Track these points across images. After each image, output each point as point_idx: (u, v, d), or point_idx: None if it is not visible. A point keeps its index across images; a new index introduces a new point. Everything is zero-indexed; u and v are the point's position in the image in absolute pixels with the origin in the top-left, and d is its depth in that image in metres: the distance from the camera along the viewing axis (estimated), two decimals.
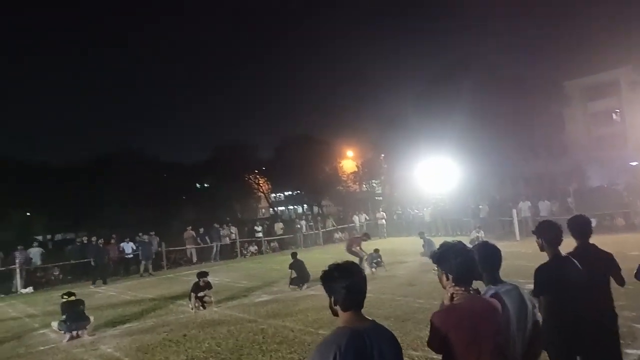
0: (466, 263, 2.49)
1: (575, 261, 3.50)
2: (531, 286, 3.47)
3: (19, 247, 18.15)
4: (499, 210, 22.23)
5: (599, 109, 42.82)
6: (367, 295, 2.38)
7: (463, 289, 2.46)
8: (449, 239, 2.72)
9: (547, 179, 33.25)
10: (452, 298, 2.48)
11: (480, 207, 22.89)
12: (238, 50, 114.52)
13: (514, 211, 19.98)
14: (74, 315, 8.89)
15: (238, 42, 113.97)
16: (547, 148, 34.24)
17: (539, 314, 3.02)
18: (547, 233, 3.59)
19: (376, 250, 14.31)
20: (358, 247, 14.18)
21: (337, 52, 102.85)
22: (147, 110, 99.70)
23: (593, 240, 3.96)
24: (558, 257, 3.54)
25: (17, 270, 17.34)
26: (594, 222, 19.37)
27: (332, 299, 2.28)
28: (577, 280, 3.39)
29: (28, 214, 36.40)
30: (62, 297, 9.35)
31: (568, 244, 3.82)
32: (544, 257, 3.67)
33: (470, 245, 2.78)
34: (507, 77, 30.58)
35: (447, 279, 2.52)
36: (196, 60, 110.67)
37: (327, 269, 2.34)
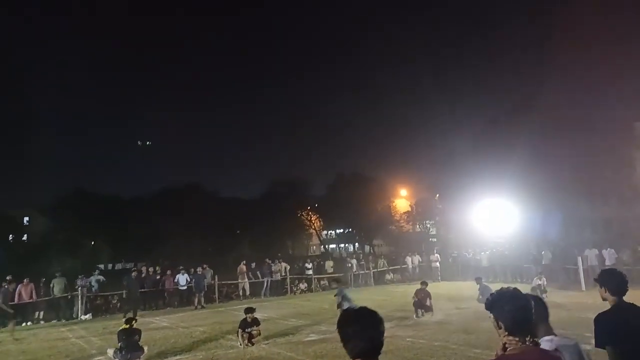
0: (521, 311, 2.33)
1: None
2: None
3: (80, 275, 19.09)
4: (563, 258, 20.98)
5: None
6: (419, 342, 2.27)
7: (517, 339, 2.29)
8: (508, 286, 2.57)
9: (616, 225, 31.18)
10: (504, 348, 2.32)
11: (543, 253, 21.70)
12: (295, 89, 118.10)
13: (579, 259, 18.79)
14: (130, 345, 9.15)
15: (295, 81, 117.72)
16: (615, 192, 32.28)
17: None
18: (609, 281, 3.40)
19: (423, 283, 14.00)
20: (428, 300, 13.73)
21: (393, 90, 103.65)
22: (208, 146, 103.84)
23: None
24: (620, 306, 3.33)
25: (78, 297, 18.13)
26: None
27: (343, 345, 2.15)
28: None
29: (93, 243, 38.34)
30: (123, 322, 9.81)
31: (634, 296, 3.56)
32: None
33: (531, 293, 2.63)
34: (572, 117, 29.47)
35: (500, 327, 2.36)
36: (254, 98, 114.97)
37: (341, 314, 2.24)
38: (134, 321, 9.88)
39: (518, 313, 2.32)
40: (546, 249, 21.99)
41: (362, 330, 2.10)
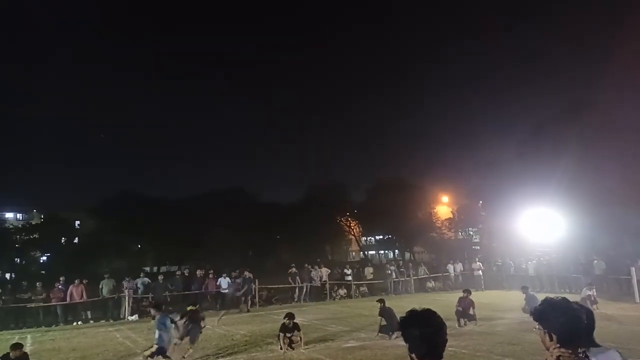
0: (572, 322, 2.26)
1: None
2: None
3: (127, 278, 19.81)
4: (615, 268, 20.02)
5: None
6: (462, 352, 2.24)
7: (570, 351, 2.22)
8: (554, 297, 2.50)
9: None
10: None
11: (595, 262, 20.77)
12: (336, 94, 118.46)
13: (633, 269, 17.88)
14: (194, 320, 10.58)
15: (337, 85, 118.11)
16: None
17: None
18: None
19: (466, 291, 13.72)
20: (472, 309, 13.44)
21: (436, 93, 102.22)
22: (251, 149, 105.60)
23: None
24: None
25: (125, 299, 18.79)
26: None
27: (408, 347, 2.16)
28: None
29: (139, 245, 39.53)
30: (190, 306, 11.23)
31: None
32: None
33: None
34: (623, 122, 28.15)
35: (551, 339, 2.29)
36: (295, 102, 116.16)
37: (404, 314, 2.24)
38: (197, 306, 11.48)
39: (570, 324, 2.26)
40: (599, 259, 21.06)
41: (427, 333, 2.11)
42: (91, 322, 18.02)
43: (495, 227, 33.90)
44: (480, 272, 25.58)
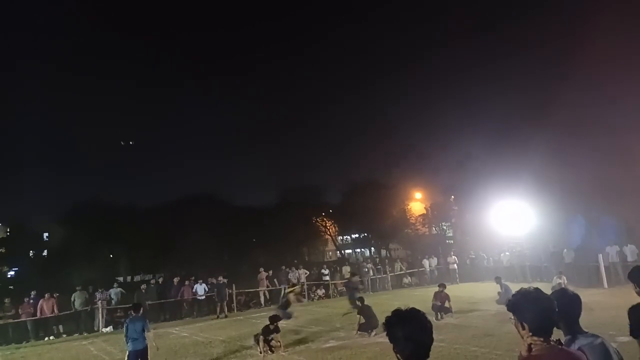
0: (544, 311, 2.31)
1: None
2: (621, 339, 3.18)
3: (100, 289, 19.36)
4: (584, 256, 20.67)
5: None
6: (439, 345, 2.27)
7: (542, 339, 2.27)
8: (528, 286, 2.55)
9: (636, 223, 30.59)
10: (529, 349, 2.30)
11: (565, 252, 21.41)
12: (308, 95, 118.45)
13: (600, 256, 18.49)
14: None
15: (307, 89, 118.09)
16: (634, 191, 31.71)
17: None
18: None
19: (441, 285, 13.90)
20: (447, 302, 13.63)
21: (406, 93, 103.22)
22: (221, 154, 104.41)
23: None
24: None
25: (99, 310, 18.33)
26: None
27: (393, 347, 2.16)
28: None
29: (111, 255, 38.69)
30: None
31: None
32: None
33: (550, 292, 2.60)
34: (590, 116, 29.09)
35: (524, 328, 2.34)
36: (265, 107, 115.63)
37: (389, 314, 2.24)
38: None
39: (541, 314, 2.30)
40: (568, 248, 21.70)
41: (412, 332, 2.11)
42: (64, 336, 17.50)
43: (468, 221, 34.52)
44: (455, 265, 26.03)
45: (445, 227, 42.53)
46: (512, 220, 24.08)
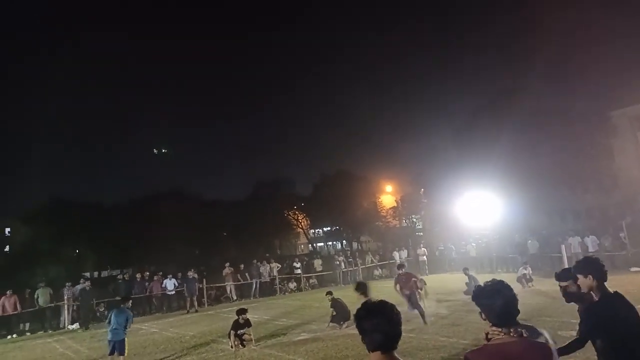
0: (503, 303, 2.40)
1: (625, 298, 3.29)
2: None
3: (67, 284, 18.82)
4: (547, 246, 21.36)
5: None
6: (408, 336, 2.32)
7: (500, 329, 2.35)
8: (494, 276, 2.62)
9: (598, 213, 31.77)
10: (486, 338, 2.39)
11: (529, 242, 22.06)
12: (278, 88, 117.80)
13: (563, 247, 19.13)
14: (341, 311, 11.41)
15: (277, 76, 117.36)
16: (596, 181, 32.90)
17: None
18: (595, 269, 3.36)
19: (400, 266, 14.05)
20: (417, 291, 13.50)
21: (375, 87, 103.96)
22: (189, 150, 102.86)
23: None
24: (609, 296, 3.31)
25: (65, 307, 17.86)
26: None
27: (362, 338, 2.20)
28: (629, 316, 3.17)
29: (77, 251, 37.75)
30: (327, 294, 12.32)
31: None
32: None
33: (517, 283, 2.68)
34: (551, 108, 29.92)
35: (484, 319, 2.44)
36: (235, 97, 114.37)
37: (360, 306, 2.27)
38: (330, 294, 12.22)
39: (501, 305, 2.38)
40: (532, 239, 22.37)
41: (379, 324, 2.15)
42: (28, 334, 17.00)
43: (437, 213, 35.15)
44: (424, 257, 26.43)
45: (415, 220, 43.21)
46: (479, 211, 24.63)
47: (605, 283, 3.36)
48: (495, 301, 2.39)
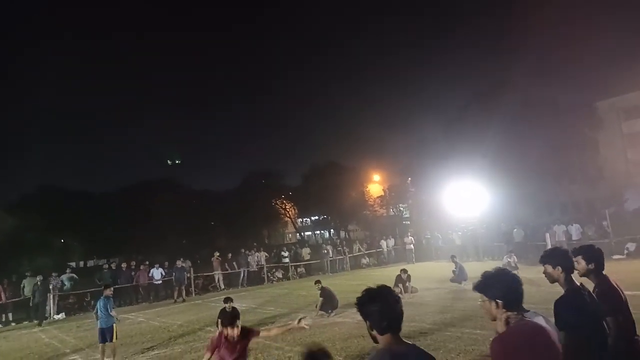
0: (513, 287, 2.49)
1: (589, 290, 3.23)
2: None
3: (53, 274, 18.63)
4: (533, 235, 21.64)
5: (636, 129, 41.46)
6: None
7: (516, 312, 2.44)
8: (479, 264, 2.66)
9: (584, 204, 32.24)
10: (507, 322, 2.44)
11: (515, 231, 22.32)
12: (266, 78, 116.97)
13: (547, 235, 19.40)
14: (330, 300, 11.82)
15: (266, 69, 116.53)
16: (582, 172, 33.32)
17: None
18: (564, 260, 3.27)
19: (404, 271, 14.11)
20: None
21: (364, 78, 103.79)
22: (179, 138, 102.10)
23: (632, 264, 3.78)
24: (576, 290, 3.21)
25: (50, 297, 17.68)
26: (632, 247, 18.39)
27: (368, 324, 2.26)
28: (596, 310, 3.12)
29: (62, 240, 37.40)
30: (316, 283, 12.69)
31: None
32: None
33: None
34: (538, 100, 30.13)
35: (497, 306, 2.47)
36: (224, 87, 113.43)
37: (361, 293, 2.33)
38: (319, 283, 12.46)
39: (512, 288, 2.48)
40: (518, 228, 22.62)
41: (385, 308, 2.24)
42: (13, 324, 16.82)
43: (424, 202, 35.36)
44: (411, 246, 26.60)
45: (402, 209, 43.43)
46: (465, 200, 24.83)
47: (572, 275, 3.25)
48: (508, 286, 2.48)
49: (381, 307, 2.23)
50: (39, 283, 16.97)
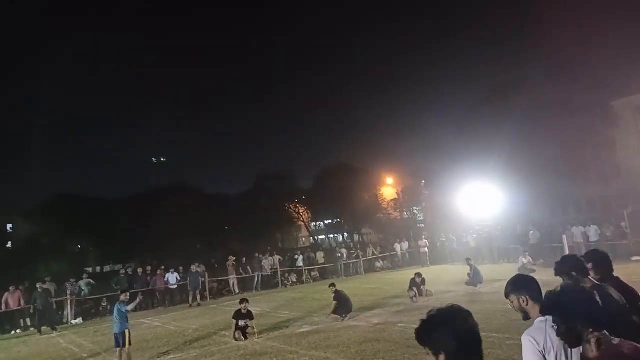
0: (594, 302, 2.15)
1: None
2: None
3: (71, 280, 18.90)
4: (549, 236, 21.34)
5: None
6: (410, 327, 2.36)
7: (604, 331, 2.06)
8: (495, 267, 2.59)
9: (600, 204, 31.71)
10: (599, 345, 2.03)
11: (531, 233, 22.04)
12: (279, 81, 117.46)
13: (564, 237, 19.10)
14: (344, 302, 11.65)
15: (279, 72, 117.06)
16: (598, 171, 32.81)
17: None
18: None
19: (418, 275, 14.00)
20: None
21: (377, 80, 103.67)
22: (190, 142, 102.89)
23: None
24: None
25: (68, 302, 17.91)
26: None
27: (441, 358, 1.80)
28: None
29: (79, 246, 37.87)
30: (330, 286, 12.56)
31: None
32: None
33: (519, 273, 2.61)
34: (552, 99, 29.75)
35: (584, 328, 2.07)
36: (237, 90, 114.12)
37: (425, 317, 1.90)
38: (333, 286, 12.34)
39: (594, 305, 2.16)
40: (534, 229, 22.34)
41: (467, 330, 1.88)
42: (31, 329, 17.05)
43: (438, 204, 35.10)
44: (426, 249, 26.42)
45: (416, 211, 43.17)
46: (480, 202, 24.60)
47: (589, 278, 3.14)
48: (588, 303, 2.14)
49: (458, 332, 1.86)
50: (40, 290, 16.87)
